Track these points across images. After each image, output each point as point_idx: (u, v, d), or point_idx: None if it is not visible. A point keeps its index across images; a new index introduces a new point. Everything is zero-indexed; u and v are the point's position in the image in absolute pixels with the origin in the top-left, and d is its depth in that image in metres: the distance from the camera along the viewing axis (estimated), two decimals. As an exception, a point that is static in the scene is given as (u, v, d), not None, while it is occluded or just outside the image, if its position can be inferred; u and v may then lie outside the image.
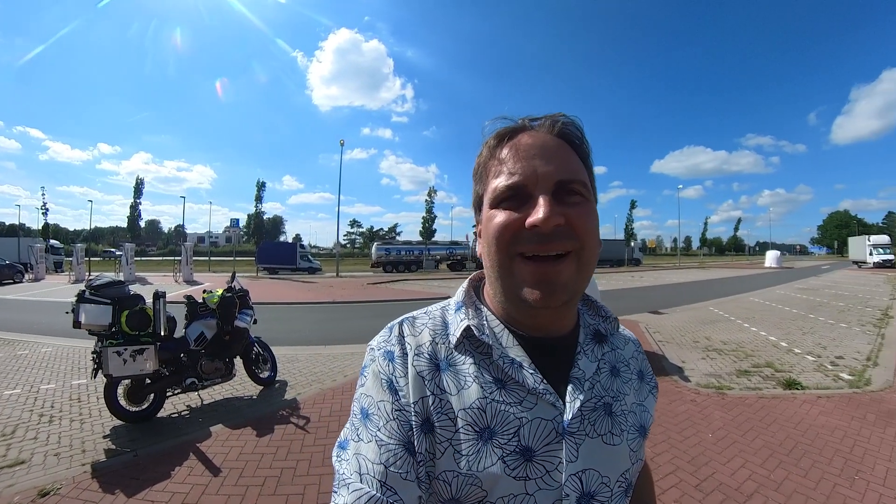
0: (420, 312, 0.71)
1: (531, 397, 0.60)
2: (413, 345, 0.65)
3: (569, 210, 0.59)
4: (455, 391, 0.61)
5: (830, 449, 3.63)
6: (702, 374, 5.87)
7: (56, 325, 9.41)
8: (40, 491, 2.91)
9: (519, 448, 0.58)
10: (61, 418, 4.23)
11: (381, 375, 0.62)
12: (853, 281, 23.90)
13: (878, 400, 4.84)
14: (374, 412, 0.60)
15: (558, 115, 0.66)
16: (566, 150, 0.64)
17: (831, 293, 17.14)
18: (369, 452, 0.57)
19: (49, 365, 6.18)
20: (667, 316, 11.10)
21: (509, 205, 0.61)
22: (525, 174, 0.60)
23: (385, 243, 39.08)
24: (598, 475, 0.61)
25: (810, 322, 10.15)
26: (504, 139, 0.65)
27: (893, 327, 9.40)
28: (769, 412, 4.43)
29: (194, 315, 4.62)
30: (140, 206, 40.36)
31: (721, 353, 7.02)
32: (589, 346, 0.69)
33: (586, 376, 0.65)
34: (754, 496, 2.95)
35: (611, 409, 0.66)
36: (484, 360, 0.63)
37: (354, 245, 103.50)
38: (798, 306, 13.00)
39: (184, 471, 3.21)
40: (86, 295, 3.86)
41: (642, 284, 22.89)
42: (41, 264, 25.28)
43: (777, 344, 7.77)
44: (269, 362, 5.35)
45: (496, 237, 0.61)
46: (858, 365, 6.37)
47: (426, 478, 0.58)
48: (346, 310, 12.96)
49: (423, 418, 0.59)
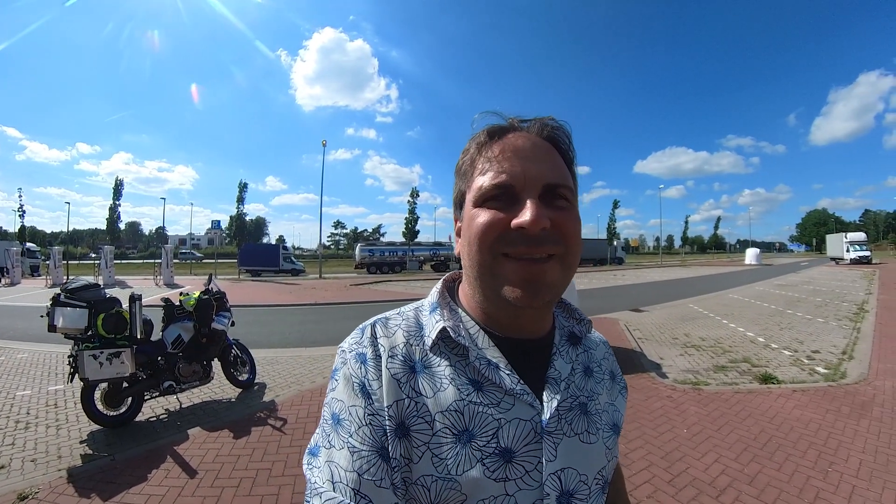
0: (393, 313, 0.70)
1: (509, 398, 0.60)
2: (387, 346, 0.63)
3: (555, 214, 0.59)
4: (431, 394, 0.60)
5: (805, 442, 3.69)
6: (679, 370, 5.97)
7: (32, 330, 9.25)
8: (19, 495, 2.94)
9: (498, 450, 0.58)
10: (38, 424, 4.22)
11: (352, 379, 0.61)
12: (831, 277, 24.39)
13: (852, 392, 4.93)
14: (345, 417, 0.58)
15: (548, 118, 0.66)
16: (554, 154, 0.64)
17: (809, 289, 17.53)
18: (341, 460, 0.56)
19: (25, 371, 6.12)
20: (647, 313, 11.28)
21: (495, 204, 0.60)
22: (513, 174, 0.59)
23: (369, 244, 38.89)
24: (576, 473, 0.62)
25: (788, 317, 10.37)
26: (493, 137, 0.65)
27: (869, 321, 9.61)
28: (744, 407, 4.50)
29: (171, 318, 4.63)
30: (120, 208, 39.90)
31: (699, 350, 7.15)
32: (564, 348, 0.70)
33: (562, 377, 0.65)
34: (727, 490, 2.99)
35: (586, 409, 0.67)
36: (460, 361, 0.62)
37: (339, 246, 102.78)
38: (776, 302, 13.30)
39: (160, 473, 3.24)
40: (61, 298, 3.85)
41: (624, 283, 23.20)
42: (17, 268, 24.66)
43: (755, 339, 7.91)
44: (248, 364, 5.38)
45: (480, 236, 0.60)
46: (834, 359, 6.50)
47: (402, 484, 0.57)
48: (327, 311, 12.93)
49: (397, 423, 0.58)
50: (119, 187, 39.83)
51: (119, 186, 39.93)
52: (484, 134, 0.65)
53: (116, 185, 39.80)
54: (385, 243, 40.05)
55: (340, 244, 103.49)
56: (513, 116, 0.67)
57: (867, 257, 39.81)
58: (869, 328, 8.81)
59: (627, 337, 8.09)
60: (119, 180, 40.63)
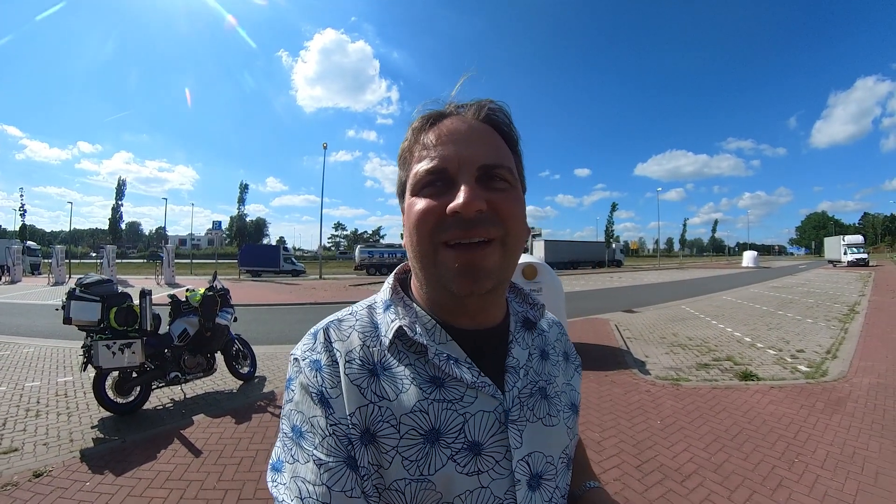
0: (345, 313, 0.67)
1: (471, 392, 0.60)
2: (342, 351, 0.61)
3: (493, 195, 0.58)
4: (394, 396, 0.58)
5: (774, 434, 3.79)
6: (663, 367, 6.12)
7: (36, 326, 9.56)
8: (34, 472, 3.18)
9: (467, 444, 0.58)
10: (48, 412, 4.45)
11: (310, 388, 0.59)
12: (826, 279, 24.46)
13: (829, 389, 5.00)
14: (307, 429, 0.57)
15: (486, 100, 0.65)
16: (493, 135, 0.62)
17: (803, 291, 17.54)
18: (308, 474, 0.54)
19: (32, 364, 6.34)
20: (639, 314, 11.40)
21: (431, 191, 0.59)
22: (447, 158, 0.58)
23: (368, 246, 39.36)
24: (542, 456, 0.63)
25: (778, 318, 10.45)
26: (428, 123, 0.63)
27: (858, 322, 9.64)
28: (720, 402, 4.62)
29: (178, 312, 4.89)
30: (122, 208, 40.07)
31: (685, 349, 7.28)
32: (520, 334, 0.70)
33: (521, 364, 0.66)
34: (693, 476, 3.13)
35: (545, 393, 0.68)
36: (419, 359, 0.61)
37: (339, 248, 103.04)
38: (768, 303, 13.35)
39: (168, 453, 3.50)
40: (76, 293, 4.12)
41: (620, 285, 23.30)
42: (18, 266, 24.91)
43: (741, 339, 8.01)
44: (249, 358, 5.63)
45: (417, 225, 0.59)
46: (818, 357, 6.58)
47: (373, 491, 0.56)
48: (326, 310, 12.61)
49: (362, 430, 0.57)
50: (122, 187, 40.23)
51: (122, 187, 40.32)
52: (419, 120, 0.65)
53: (119, 185, 40.29)
54: (384, 245, 40.33)
55: (341, 246, 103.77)
56: (450, 101, 0.66)
57: (864, 260, 39.92)
58: (857, 328, 8.86)
59: (616, 336, 8.22)
60: (122, 180, 41.18)
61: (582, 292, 18.93)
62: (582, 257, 49.52)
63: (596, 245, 54.76)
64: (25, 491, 2.93)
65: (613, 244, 61.82)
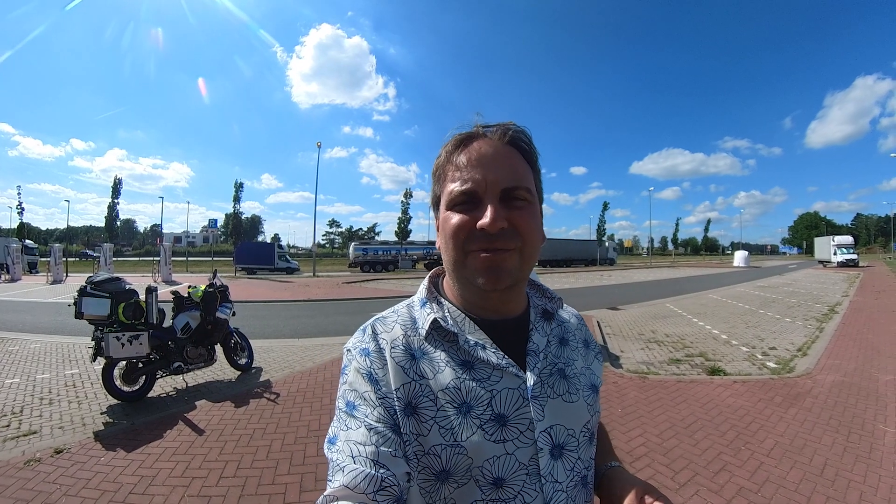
0: (388, 312, 0.78)
1: (497, 372, 0.69)
2: (388, 340, 0.72)
3: (512, 213, 0.68)
4: (432, 375, 0.68)
5: (727, 424, 3.98)
6: (635, 361, 6.38)
7: (40, 323, 9.91)
8: (55, 449, 3.58)
9: (493, 416, 0.66)
10: (60, 401, 4.81)
11: (361, 370, 0.69)
12: (813, 279, 24.72)
13: (790, 385, 5.16)
14: (359, 403, 0.66)
15: (510, 123, 0.74)
16: (515, 156, 0.72)
17: (788, 290, 17.80)
18: (359, 437, 0.63)
19: (41, 358, 6.66)
20: (623, 312, 11.66)
21: (463, 208, 0.69)
22: (476, 181, 0.68)
23: (363, 243, 39.54)
24: (563, 428, 0.71)
25: (757, 317, 10.67)
26: (460, 145, 0.73)
27: (835, 322, 9.80)
28: (682, 394, 4.82)
29: (180, 307, 5.31)
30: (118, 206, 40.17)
31: (661, 345, 7.54)
32: (539, 323, 0.79)
33: (540, 349, 0.75)
34: (642, 458, 3.36)
35: (565, 373, 0.76)
36: (451, 346, 0.71)
37: (333, 245, 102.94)
38: (751, 302, 13.60)
39: (174, 433, 3.91)
40: (88, 290, 4.52)
41: (609, 283, 23.57)
42: (17, 265, 24.90)
43: (717, 336, 8.24)
44: (247, 350, 6.03)
45: (452, 236, 0.69)
46: (788, 355, 6.73)
47: (413, 456, 0.64)
48: (319, 307, 13.45)
49: (405, 403, 0.66)
50: (118, 186, 40.33)
51: (118, 185, 40.44)
52: (452, 143, 0.75)
53: (115, 183, 40.35)
54: (379, 242, 40.48)
55: (336, 243, 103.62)
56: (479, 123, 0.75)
57: (854, 260, 40.33)
58: (832, 328, 9.00)
59: (595, 332, 8.44)
60: (118, 179, 41.19)
61: (570, 290, 19.27)
62: (575, 255, 49.76)
63: (589, 243, 54.85)
64: (49, 465, 3.32)
65: (606, 242, 62.02)
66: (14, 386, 5.32)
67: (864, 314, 10.96)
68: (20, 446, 3.69)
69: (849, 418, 4.17)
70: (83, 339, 7.46)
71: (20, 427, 4.08)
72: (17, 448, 3.65)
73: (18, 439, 3.82)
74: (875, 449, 3.56)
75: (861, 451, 3.51)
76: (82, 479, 3.11)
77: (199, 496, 2.90)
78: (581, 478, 0.73)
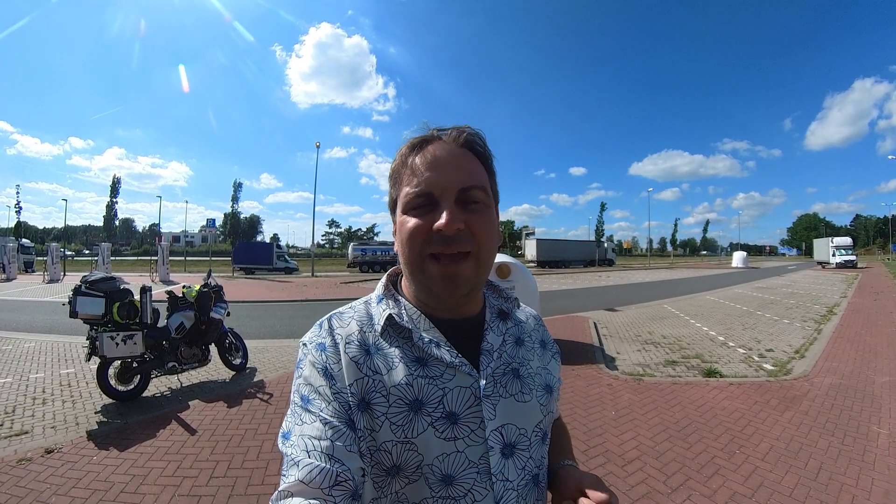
0: (345, 308, 0.79)
1: (450, 370, 0.70)
2: (343, 335, 0.72)
3: (469, 216, 0.68)
4: (385, 371, 0.68)
5: (722, 427, 3.93)
6: (631, 363, 6.34)
7: (35, 322, 9.88)
8: (46, 449, 3.56)
9: (444, 414, 0.67)
10: (53, 400, 4.79)
11: (316, 365, 0.69)
12: (812, 280, 24.59)
13: (787, 387, 5.09)
14: (314, 397, 0.66)
15: (464, 126, 0.75)
16: (469, 158, 0.72)
17: (786, 291, 17.69)
18: (314, 431, 0.62)
19: (35, 357, 6.64)
20: (620, 313, 11.58)
21: (419, 212, 0.69)
22: (431, 183, 0.68)
23: (361, 244, 39.50)
24: (515, 428, 0.71)
25: (755, 318, 10.59)
26: (415, 149, 0.73)
27: (833, 323, 9.72)
28: (676, 396, 4.77)
29: (175, 307, 5.29)
30: (116, 205, 40.12)
31: (657, 346, 7.47)
32: (494, 323, 0.79)
33: (494, 348, 0.75)
34: (634, 462, 3.33)
35: (518, 373, 0.76)
36: (406, 343, 0.71)
37: (333, 245, 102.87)
38: (749, 304, 13.50)
39: (167, 432, 3.90)
40: (82, 289, 4.50)
41: (607, 284, 23.48)
42: (13, 264, 24.83)
43: (714, 338, 8.18)
44: (241, 351, 6.01)
45: (409, 240, 0.69)
46: (785, 357, 6.68)
47: (367, 452, 0.65)
48: (317, 307, 13.41)
49: (359, 398, 0.66)
50: (116, 185, 40.42)
51: (116, 184, 40.52)
52: (407, 146, 0.75)
53: (114, 182, 40.65)
54: (377, 243, 40.44)
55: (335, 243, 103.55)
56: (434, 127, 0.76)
57: (853, 261, 40.24)
58: (830, 329, 8.92)
59: (591, 333, 8.41)
60: (117, 178, 41.48)
61: (568, 290, 19.26)
62: (573, 256, 49.84)
63: (587, 244, 54.99)
64: (39, 465, 3.30)
65: (605, 243, 62.11)
66: (6, 385, 5.30)
67: (863, 316, 10.91)
68: (12, 445, 3.67)
69: (844, 421, 4.14)
70: (78, 338, 7.44)
71: (12, 427, 4.06)
72: (10, 447, 3.64)
73: (10, 439, 3.80)
74: (868, 451, 3.54)
75: (855, 454, 3.49)
76: (73, 479, 3.10)
77: (189, 496, 2.89)
78: (532, 476, 0.73)
